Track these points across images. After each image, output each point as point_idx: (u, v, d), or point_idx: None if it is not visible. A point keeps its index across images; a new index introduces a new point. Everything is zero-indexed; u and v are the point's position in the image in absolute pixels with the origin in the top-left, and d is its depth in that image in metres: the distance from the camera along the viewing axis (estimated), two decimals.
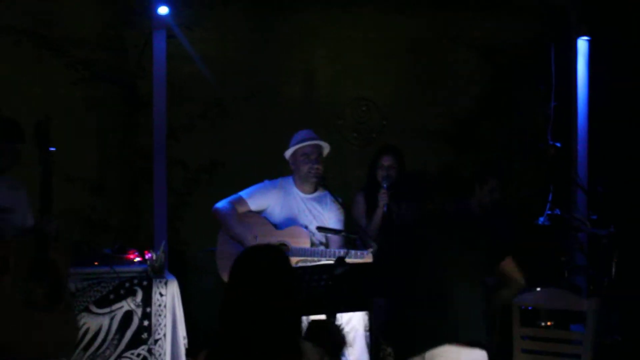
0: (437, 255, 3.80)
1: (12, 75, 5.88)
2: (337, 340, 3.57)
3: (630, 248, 5.21)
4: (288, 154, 5.20)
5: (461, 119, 6.75)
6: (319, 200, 5.25)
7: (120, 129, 6.06)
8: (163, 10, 5.52)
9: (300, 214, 5.17)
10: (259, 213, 5.16)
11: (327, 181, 5.17)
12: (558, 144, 5.80)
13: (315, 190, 5.25)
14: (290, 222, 5.14)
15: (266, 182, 5.25)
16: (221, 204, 5.14)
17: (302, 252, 4.97)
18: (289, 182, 5.24)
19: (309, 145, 5.15)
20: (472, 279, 3.82)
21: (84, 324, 4.74)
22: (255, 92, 6.32)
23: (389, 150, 5.56)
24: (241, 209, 5.11)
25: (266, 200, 5.17)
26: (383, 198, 5.35)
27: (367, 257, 4.88)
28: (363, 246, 5.01)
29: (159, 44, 5.58)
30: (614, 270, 5.08)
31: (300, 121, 6.10)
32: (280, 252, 2.92)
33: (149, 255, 4.98)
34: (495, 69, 6.77)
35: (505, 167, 6.31)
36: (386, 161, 5.49)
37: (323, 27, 6.53)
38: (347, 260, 4.35)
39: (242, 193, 5.16)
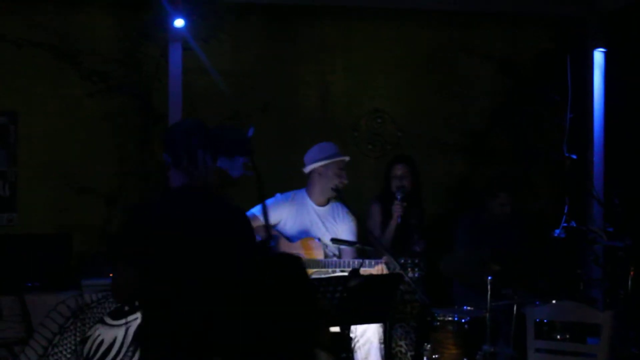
0: None
1: (30, 86, 5.93)
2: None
3: None
4: (314, 166, 5.19)
5: (477, 131, 6.72)
6: (331, 212, 5.27)
7: (136, 141, 6.05)
8: (179, 22, 5.59)
9: (312, 227, 5.20)
10: (272, 227, 5.18)
11: (342, 192, 5.18)
12: (574, 156, 5.80)
13: (328, 202, 5.28)
14: (303, 234, 5.17)
15: (278, 195, 5.27)
16: None
17: (315, 264, 4.99)
18: (302, 195, 5.27)
19: (342, 161, 5.20)
20: None
21: (98, 335, 4.78)
22: (270, 104, 6.31)
23: (401, 160, 5.61)
24: (255, 225, 5.05)
25: (278, 214, 5.19)
26: (397, 209, 5.38)
27: (381, 268, 4.91)
28: (377, 257, 5.01)
29: (175, 56, 5.67)
30: (630, 283, 5.06)
31: (316, 133, 6.17)
32: (298, 260, 2.95)
33: None
34: (512, 81, 6.73)
35: (519, 179, 6.31)
36: (398, 170, 5.53)
37: (339, 39, 6.53)
38: (361, 270, 4.41)
39: (255, 210, 5.15)
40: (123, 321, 4.82)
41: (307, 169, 5.24)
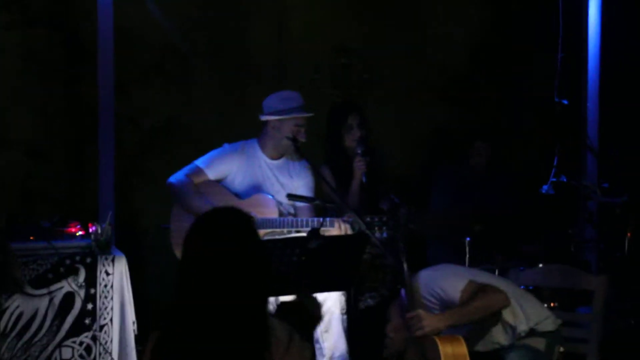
0: None
1: None
2: (312, 315, 3.60)
3: None
4: (269, 118, 5.17)
5: (455, 72, 6.77)
6: (286, 166, 5.29)
7: (61, 82, 6.01)
8: None
9: (265, 182, 5.23)
10: (218, 182, 5.20)
11: (299, 143, 5.17)
12: (565, 101, 5.83)
13: (282, 156, 5.29)
14: (254, 190, 5.20)
15: (226, 146, 5.26)
16: (176, 177, 5.17)
17: (269, 224, 4.99)
18: (253, 146, 5.26)
19: (301, 118, 5.15)
20: None
21: (17, 307, 4.69)
22: (219, 42, 6.28)
23: (355, 108, 5.56)
24: (199, 180, 5.16)
25: (227, 167, 5.20)
26: (360, 166, 5.35)
27: (344, 227, 4.89)
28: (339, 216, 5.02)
29: None
30: (627, 244, 5.24)
31: (270, 76, 6.20)
32: (244, 214, 2.88)
33: (94, 228, 4.92)
34: (495, 14, 6.81)
35: (503, 127, 6.53)
36: (354, 120, 5.45)
37: None
38: (322, 230, 4.41)
39: (199, 162, 5.19)
40: (45, 291, 4.71)
41: (263, 118, 5.22)
